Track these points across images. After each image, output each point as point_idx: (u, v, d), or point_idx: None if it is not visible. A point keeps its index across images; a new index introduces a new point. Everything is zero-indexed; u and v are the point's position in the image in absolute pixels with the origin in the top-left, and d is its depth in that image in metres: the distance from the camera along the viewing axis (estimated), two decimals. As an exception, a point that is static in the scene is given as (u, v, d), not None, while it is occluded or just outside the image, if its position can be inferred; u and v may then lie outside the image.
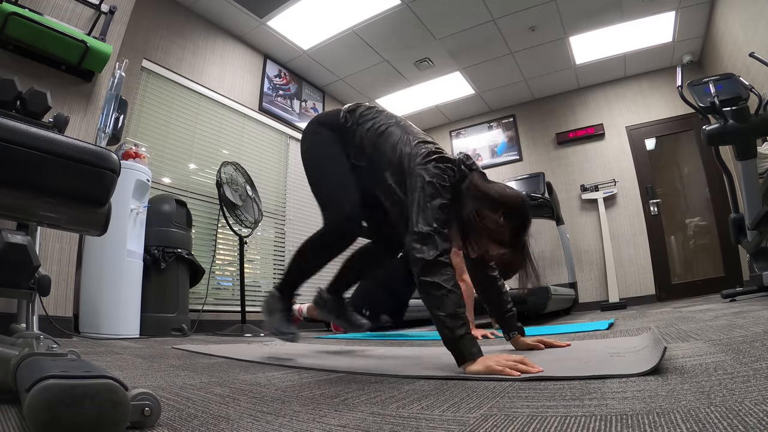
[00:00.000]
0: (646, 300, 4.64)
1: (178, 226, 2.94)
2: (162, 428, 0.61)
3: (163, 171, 3.43)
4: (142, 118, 3.34)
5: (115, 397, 0.52)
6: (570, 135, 5.40)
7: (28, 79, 2.01)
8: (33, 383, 0.49)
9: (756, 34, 3.17)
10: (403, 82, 5.17)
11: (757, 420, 0.46)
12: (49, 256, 2.14)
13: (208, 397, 0.84)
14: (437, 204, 1.10)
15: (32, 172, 0.68)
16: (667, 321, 1.97)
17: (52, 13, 2.25)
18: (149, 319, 2.62)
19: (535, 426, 0.54)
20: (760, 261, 2.69)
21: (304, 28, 4.19)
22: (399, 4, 3.84)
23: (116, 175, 0.79)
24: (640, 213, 4.90)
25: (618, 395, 0.66)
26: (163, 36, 3.56)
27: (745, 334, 1.13)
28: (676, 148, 5.09)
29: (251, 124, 4.32)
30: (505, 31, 4.28)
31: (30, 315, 1.17)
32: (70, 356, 0.76)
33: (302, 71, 4.90)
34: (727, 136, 2.51)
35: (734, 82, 2.69)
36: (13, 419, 0.62)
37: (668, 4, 4.01)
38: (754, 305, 2.10)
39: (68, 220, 0.89)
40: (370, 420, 0.63)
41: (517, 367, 0.91)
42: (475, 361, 0.97)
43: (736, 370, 0.73)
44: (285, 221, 4.47)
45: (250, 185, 3.65)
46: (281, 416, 0.68)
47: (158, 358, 1.55)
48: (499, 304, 1.43)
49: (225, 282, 3.85)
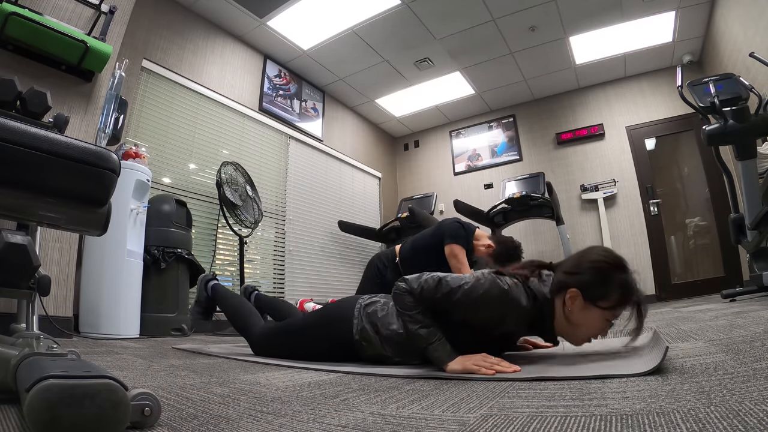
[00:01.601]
0: (646, 300, 4.64)
1: (178, 226, 2.94)
2: (162, 428, 0.61)
3: (163, 171, 3.43)
4: (142, 118, 3.34)
5: (115, 397, 0.52)
6: (570, 135, 5.40)
7: (28, 79, 2.02)
8: (33, 383, 0.49)
9: (756, 34, 3.17)
10: (403, 82, 5.17)
11: (757, 420, 0.46)
12: (49, 256, 2.14)
13: (208, 397, 0.84)
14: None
15: (32, 172, 0.68)
16: (667, 321, 1.97)
17: (52, 13, 2.25)
18: (149, 319, 2.62)
19: (535, 426, 0.54)
20: (760, 261, 2.69)
21: (304, 28, 4.18)
22: (399, 4, 3.84)
23: (116, 175, 0.79)
24: (640, 213, 4.90)
25: (618, 395, 0.66)
26: (163, 36, 3.56)
27: (745, 334, 1.13)
28: (676, 148, 5.09)
29: (251, 124, 4.32)
30: (505, 31, 4.28)
31: (30, 315, 1.17)
32: (70, 356, 0.76)
33: (302, 71, 4.90)
34: (727, 136, 2.51)
35: (734, 82, 2.68)
36: (13, 419, 0.62)
37: (668, 4, 4.01)
38: (754, 305, 2.10)
39: (68, 220, 0.89)
40: (370, 420, 0.63)
41: (493, 367, 0.96)
42: (454, 361, 1.03)
43: (736, 370, 0.73)
44: (285, 221, 4.47)
45: (250, 185, 3.65)
46: (281, 416, 0.68)
47: (158, 358, 1.55)
48: None
49: (225, 282, 3.85)
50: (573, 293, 1.06)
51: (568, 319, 1.08)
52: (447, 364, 1.02)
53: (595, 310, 1.05)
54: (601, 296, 1.05)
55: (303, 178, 4.77)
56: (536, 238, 5.37)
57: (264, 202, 3.96)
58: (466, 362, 1.00)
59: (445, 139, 6.22)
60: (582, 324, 1.08)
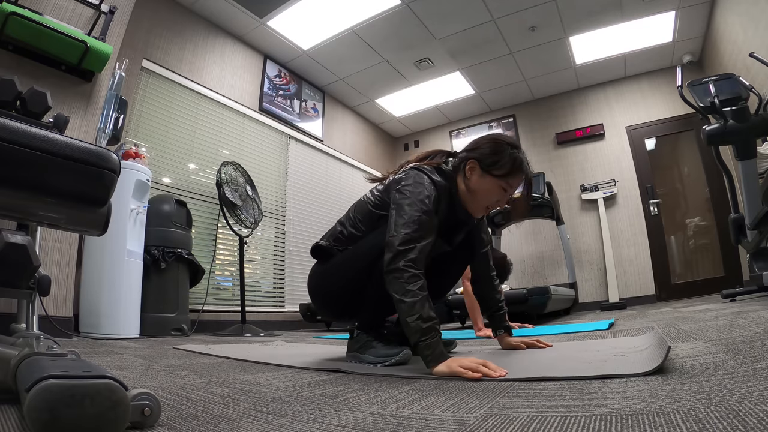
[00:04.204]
0: (646, 300, 4.64)
1: (178, 226, 2.94)
2: (162, 428, 0.61)
3: (163, 171, 3.43)
4: (142, 118, 3.34)
5: (115, 397, 0.52)
6: (570, 135, 5.40)
7: (28, 79, 2.02)
8: (33, 383, 0.49)
9: (756, 34, 3.17)
10: (403, 82, 5.17)
11: (757, 420, 0.46)
12: (49, 256, 2.14)
13: (208, 397, 0.84)
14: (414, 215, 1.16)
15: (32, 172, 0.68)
16: (667, 321, 1.97)
17: (52, 13, 2.25)
18: (149, 319, 2.62)
19: (535, 426, 0.54)
20: (760, 261, 2.69)
21: (304, 28, 4.19)
22: (399, 4, 3.84)
23: (116, 175, 0.79)
24: (640, 213, 4.90)
25: (618, 395, 0.66)
26: (163, 36, 3.56)
27: (745, 334, 1.13)
28: (676, 148, 5.09)
29: (251, 124, 4.32)
30: (505, 31, 4.28)
31: (30, 315, 1.17)
32: (70, 356, 0.76)
33: (302, 71, 4.90)
34: (727, 136, 2.51)
35: (734, 82, 2.68)
36: (13, 419, 0.62)
37: (668, 4, 4.01)
38: (754, 305, 2.10)
39: (68, 220, 0.89)
40: (370, 420, 0.63)
41: (479, 369, 0.94)
42: (441, 363, 1.00)
43: (736, 370, 0.73)
44: (285, 221, 4.47)
45: (250, 185, 3.65)
46: (281, 416, 0.68)
47: (158, 358, 1.55)
48: (491, 300, 1.50)
49: (225, 282, 3.85)
50: (472, 164, 1.26)
51: (468, 188, 1.27)
52: (434, 366, 0.99)
53: (490, 178, 1.25)
54: (494, 164, 1.24)
55: (303, 178, 4.77)
56: (536, 238, 5.37)
57: (264, 202, 3.96)
58: (452, 364, 0.97)
59: (445, 139, 6.22)
60: (479, 191, 1.26)
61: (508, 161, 1.24)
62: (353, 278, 1.25)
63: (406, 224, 1.11)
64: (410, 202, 1.15)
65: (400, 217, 1.13)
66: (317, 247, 1.35)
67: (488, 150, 1.25)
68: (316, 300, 1.39)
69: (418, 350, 1.03)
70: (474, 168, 1.25)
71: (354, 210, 1.36)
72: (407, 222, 1.12)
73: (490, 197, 1.27)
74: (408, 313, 1.03)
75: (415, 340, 1.03)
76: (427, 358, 1.01)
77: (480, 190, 1.26)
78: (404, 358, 1.20)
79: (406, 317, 1.03)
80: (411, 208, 1.14)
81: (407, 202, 1.15)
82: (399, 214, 1.14)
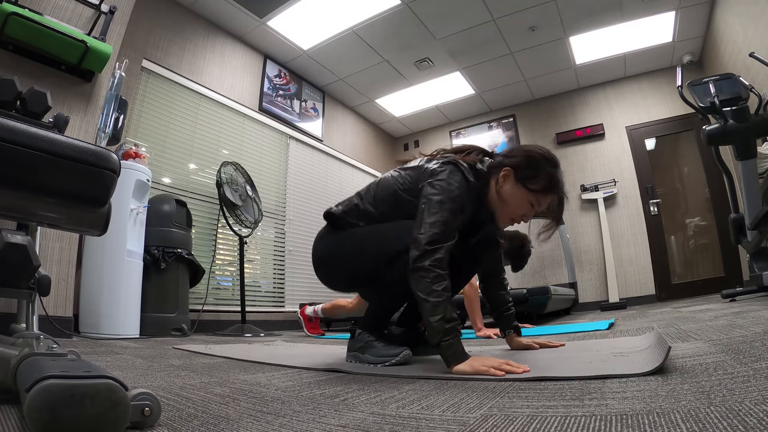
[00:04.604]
0: (646, 300, 4.64)
1: (178, 226, 2.94)
2: (162, 428, 0.61)
3: (163, 171, 3.43)
4: (142, 118, 3.34)
5: (115, 397, 0.52)
6: (570, 135, 5.40)
7: (28, 79, 2.02)
8: (33, 383, 0.49)
9: (756, 34, 3.17)
10: (403, 82, 5.17)
11: (757, 420, 0.46)
12: (49, 256, 2.14)
13: (208, 397, 0.84)
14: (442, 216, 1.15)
15: (32, 172, 0.68)
16: (667, 321, 1.97)
17: (52, 13, 2.25)
18: (149, 319, 2.62)
19: (535, 426, 0.54)
20: (760, 261, 2.69)
21: (304, 28, 4.18)
22: (399, 4, 3.84)
23: (116, 175, 0.79)
24: (640, 213, 4.90)
25: (618, 395, 0.66)
26: (163, 36, 3.56)
27: (745, 334, 1.13)
28: (676, 148, 5.09)
29: (251, 124, 4.32)
30: (505, 31, 4.28)
31: (30, 315, 1.17)
32: (70, 356, 0.76)
33: (302, 71, 4.90)
34: (727, 136, 2.51)
35: (734, 82, 2.68)
36: (13, 419, 0.62)
37: (668, 4, 4.01)
38: (754, 305, 2.10)
39: (68, 220, 0.89)
40: (370, 420, 0.63)
41: (502, 367, 0.94)
42: (462, 362, 1.00)
43: (736, 370, 0.73)
44: (285, 221, 4.47)
45: (250, 185, 3.65)
46: (281, 416, 0.68)
47: (158, 358, 1.55)
48: (499, 301, 1.49)
49: (225, 282, 3.85)
50: (507, 171, 1.23)
51: (498, 195, 1.25)
52: (455, 365, 1.00)
53: (522, 190, 1.21)
54: (530, 178, 1.20)
55: (303, 178, 4.76)
56: (536, 238, 5.36)
57: (264, 202, 3.96)
58: (475, 363, 0.97)
59: (445, 139, 6.21)
60: (509, 201, 1.24)
61: (545, 177, 1.20)
62: (371, 261, 1.24)
63: (435, 223, 1.10)
64: (442, 200, 1.13)
65: (431, 215, 1.12)
66: (330, 214, 1.36)
67: (526, 162, 1.21)
68: (323, 266, 1.39)
69: (440, 350, 1.03)
70: (508, 176, 1.22)
71: (377, 186, 1.34)
72: (437, 221, 1.10)
73: (517, 210, 1.24)
74: (432, 313, 1.03)
75: (437, 340, 1.03)
76: (449, 358, 1.01)
77: (510, 200, 1.23)
78: (405, 359, 1.20)
79: (430, 317, 1.03)
80: (441, 206, 1.12)
81: (439, 199, 1.13)
82: (429, 211, 1.12)
